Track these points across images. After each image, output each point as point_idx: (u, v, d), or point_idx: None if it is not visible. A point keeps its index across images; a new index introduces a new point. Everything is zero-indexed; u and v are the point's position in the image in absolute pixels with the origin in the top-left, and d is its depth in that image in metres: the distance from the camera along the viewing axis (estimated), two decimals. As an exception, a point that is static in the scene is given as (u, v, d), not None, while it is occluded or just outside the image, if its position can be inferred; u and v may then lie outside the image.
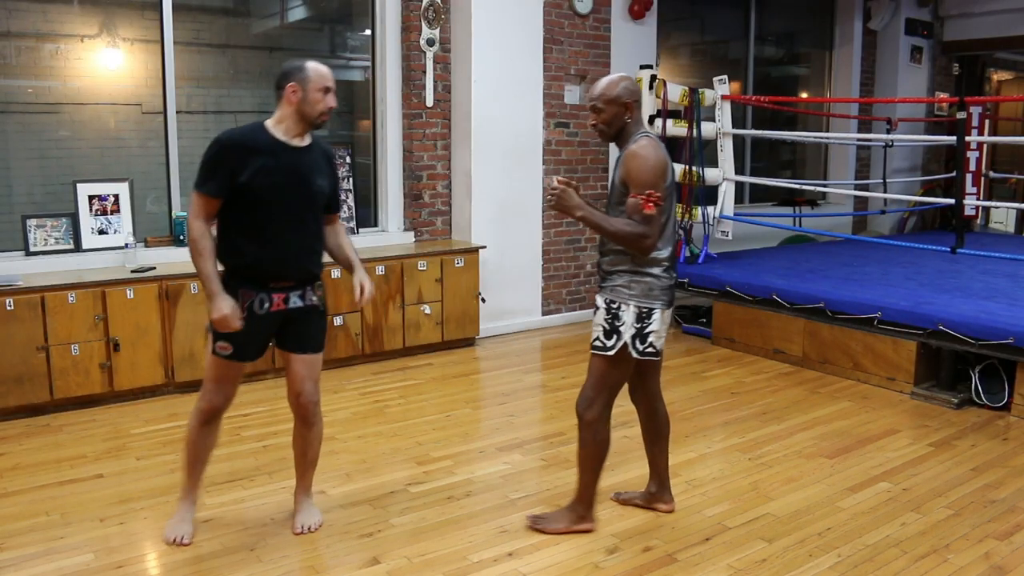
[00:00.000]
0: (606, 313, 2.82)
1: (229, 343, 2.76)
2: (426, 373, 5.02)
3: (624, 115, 2.80)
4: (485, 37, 5.58)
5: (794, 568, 2.76)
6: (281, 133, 2.73)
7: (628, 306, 2.79)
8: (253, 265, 2.74)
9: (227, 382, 2.84)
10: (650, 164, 2.72)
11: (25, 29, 4.58)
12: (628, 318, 2.79)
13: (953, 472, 3.58)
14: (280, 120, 2.74)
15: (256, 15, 5.46)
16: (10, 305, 4.01)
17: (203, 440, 2.87)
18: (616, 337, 2.80)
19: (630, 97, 2.80)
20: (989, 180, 8.90)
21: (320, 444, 3.02)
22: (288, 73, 2.72)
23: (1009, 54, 9.65)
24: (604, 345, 2.83)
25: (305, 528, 2.99)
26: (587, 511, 2.98)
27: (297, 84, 2.69)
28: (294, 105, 2.71)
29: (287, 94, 2.71)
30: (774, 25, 8.22)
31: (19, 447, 3.77)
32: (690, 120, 5.91)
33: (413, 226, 5.78)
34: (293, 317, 2.83)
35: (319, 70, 2.72)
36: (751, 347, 5.48)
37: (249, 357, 2.84)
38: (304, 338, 2.87)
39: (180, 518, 2.93)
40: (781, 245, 7.53)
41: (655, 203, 2.67)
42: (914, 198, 7.25)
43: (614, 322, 2.80)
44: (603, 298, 2.86)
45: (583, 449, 2.92)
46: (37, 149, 4.70)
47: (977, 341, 4.33)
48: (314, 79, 2.70)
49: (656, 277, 2.80)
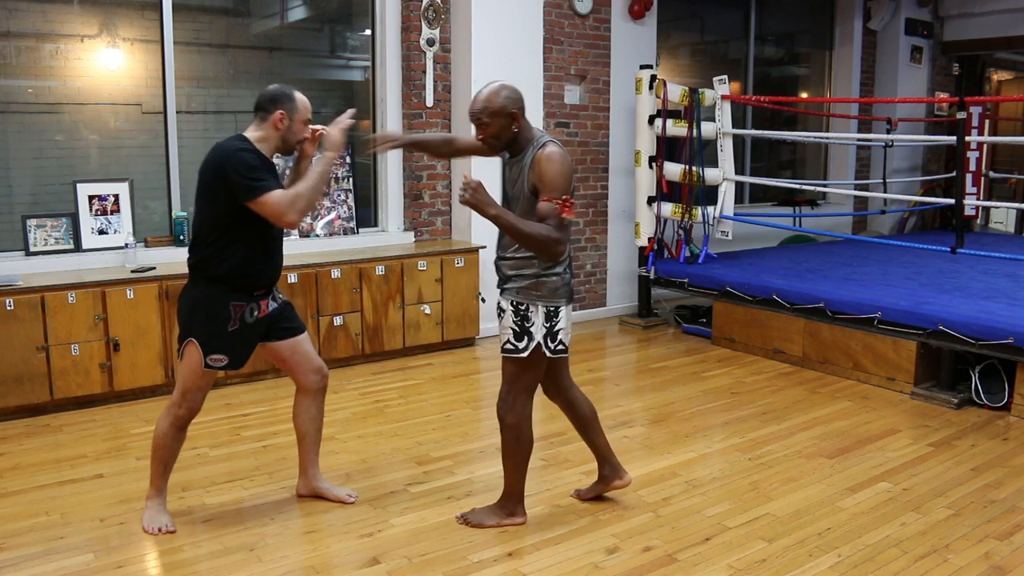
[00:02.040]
0: (515, 315, 2.80)
1: (224, 355, 2.87)
2: (426, 373, 5.02)
3: (511, 126, 2.76)
4: (485, 37, 5.58)
5: (794, 568, 2.77)
6: (265, 149, 2.86)
7: (537, 307, 2.79)
8: (256, 277, 2.88)
9: (207, 388, 2.95)
10: (564, 170, 2.70)
11: (25, 29, 4.58)
12: (538, 319, 2.79)
13: (953, 472, 3.58)
14: (263, 140, 2.85)
15: (256, 15, 5.46)
16: (10, 305, 4.01)
17: (177, 443, 2.97)
18: (528, 339, 2.79)
19: (514, 106, 2.75)
20: (989, 180, 8.90)
21: None
22: (277, 99, 2.84)
23: (1009, 54, 9.65)
24: (516, 347, 2.81)
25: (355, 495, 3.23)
26: (516, 506, 3.02)
27: (285, 112, 2.83)
28: (280, 131, 2.85)
29: (274, 119, 2.83)
30: (774, 25, 8.22)
31: (19, 447, 3.78)
32: (690, 120, 5.91)
33: (413, 226, 5.78)
34: (272, 318, 3.01)
35: (304, 102, 2.90)
36: (751, 347, 5.48)
37: (240, 365, 2.95)
38: (294, 322, 3.09)
39: (155, 511, 3.00)
40: (781, 245, 7.53)
41: (571, 207, 2.67)
42: (914, 198, 7.25)
43: (524, 323, 2.79)
44: (509, 300, 2.83)
45: (508, 451, 2.94)
46: (37, 149, 4.70)
47: (977, 341, 4.34)
48: (300, 110, 2.87)
49: (559, 276, 2.81)
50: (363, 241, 5.53)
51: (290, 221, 2.77)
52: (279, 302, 3.04)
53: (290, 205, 2.74)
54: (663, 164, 6.00)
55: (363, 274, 5.06)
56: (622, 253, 6.60)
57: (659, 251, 6.23)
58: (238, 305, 2.85)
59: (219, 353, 2.84)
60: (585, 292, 6.47)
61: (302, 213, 2.78)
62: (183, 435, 2.97)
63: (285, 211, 2.73)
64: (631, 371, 5.22)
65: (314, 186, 2.81)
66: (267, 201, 2.72)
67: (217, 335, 2.84)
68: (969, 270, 5.83)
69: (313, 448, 3.20)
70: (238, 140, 2.82)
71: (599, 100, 6.35)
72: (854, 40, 8.33)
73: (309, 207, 2.81)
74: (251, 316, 2.90)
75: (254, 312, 2.90)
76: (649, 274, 6.22)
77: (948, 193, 8.33)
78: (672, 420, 4.22)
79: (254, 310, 2.90)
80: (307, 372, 3.09)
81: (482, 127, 2.78)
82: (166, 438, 2.92)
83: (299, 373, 3.09)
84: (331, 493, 3.22)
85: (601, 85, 6.34)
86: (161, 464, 2.96)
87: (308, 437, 3.17)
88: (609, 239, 6.54)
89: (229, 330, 2.85)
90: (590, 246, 6.44)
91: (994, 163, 9.63)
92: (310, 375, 3.09)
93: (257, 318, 2.92)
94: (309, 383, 3.10)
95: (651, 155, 6.03)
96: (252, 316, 2.90)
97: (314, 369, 3.10)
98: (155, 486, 2.99)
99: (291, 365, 3.08)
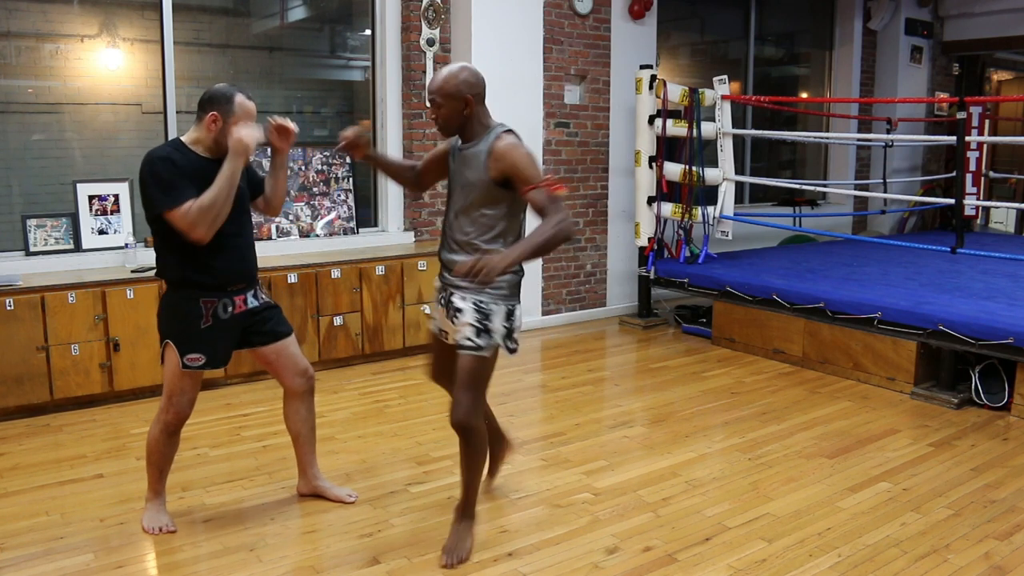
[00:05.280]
0: (476, 313, 2.70)
1: (200, 354, 2.83)
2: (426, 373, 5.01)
3: (463, 110, 2.66)
4: (485, 37, 5.58)
5: (794, 568, 2.76)
6: (202, 151, 2.81)
7: (499, 306, 2.72)
8: (220, 274, 2.83)
9: (192, 391, 2.90)
10: (531, 155, 2.65)
11: (25, 29, 4.58)
12: (498, 318, 2.72)
13: (953, 472, 3.58)
14: (197, 142, 2.81)
15: (256, 15, 5.46)
16: (10, 305, 4.01)
17: (170, 448, 2.96)
18: (488, 337, 2.70)
19: (470, 91, 2.64)
20: (989, 180, 8.90)
21: None
22: (214, 100, 2.77)
23: (1009, 54, 9.65)
24: (477, 345, 2.69)
25: (355, 495, 3.24)
26: (474, 508, 2.89)
27: (219, 114, 2.76)
28: (212, 133, 2.78)
29: (207, 121, 2.77)
30: (774, 25, 8.22)
31: (19, 447, 3.78)
32: (690, 120, 5.91)
33: (413, 226, 5.78)
34: (254, 318, 2.97)
35: (244, 105, 2.78)
36: (751, 347, 5.48)
37: (220, 363, 2.91)
38: (278, 325, 3.04)
39: (155, 512, 3.00)
40: (781, 245, 7.53)
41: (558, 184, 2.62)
42: (914, 198, 7.25)
43: (485, 322, 2.70)
44: (471, 300, 2.71)
45: (472, 458, 2.81)
46: (37, 149, 4.70)
47: (977, 341, 4.34)
48: (237, 113, 2.76)
49: (515, 274, 2.76)
50: (363, 241, 5.53)
51: (199, 236, 2.68)
52: (261, 301, 2.99)
53: (195, 220, 2.65)
54: (663, 164, 6.00)
55: (363, 274, 5.07)
56: (622, 253, 6.60)
57: (659, 251, 6.23)
58: (209, 302, 2.82)
59: (195, 352, 2.81)
60: (585, 292, 6.47)
61: (210, 226, 2.68)
62: (175, 440, 2.95)
63: (190, 226, 2.66)
64: (631, 371, 5.22)
65: (216, 196, 2.68)
66: (173, 216, 2.66)
67: (190, 334, 2.81)
68: (969, 270, 5.83)
69: (308, 448, 3.20)
70: (167, 146, 2.80)
71: (599, 100, 6.35)
72: (854, 40, 8.33)
73: (215, 217, 2.69)
74: (225, 312, 2.85)
75: (228, 308, 2.86)
76: (649, 274, 6.22)
77: (948, 193, 8.33)
78: (672, 420, 4.22)
79: (228, 306, 2.86)
80: (292, 376, 3.07)
81: (435, 107, 2.70)
82: (158, 444, 2.92)
83: (284, 377, 3.07)
84: (331, 493, 3.23)
85: (601, 85, 6.34)
86: (156, 469, 2.96)
87: (301, 437, 3.17)
88: (609, 239, 6.54)
89: (202, 327, 2.81)
90: (590, 246, 6.44)
91: (994, 163, 9.63)
92: (295, 378, 3.07)
93: (232, 314, 2.87)
94: (295, 386, 3.08)
95: (651, 155, 6.03)
96: (226, 312, 2.85)
97: (299, 372, 3.07)
98: (153, 489, 3.00)
99: (276, 368, 3.06)
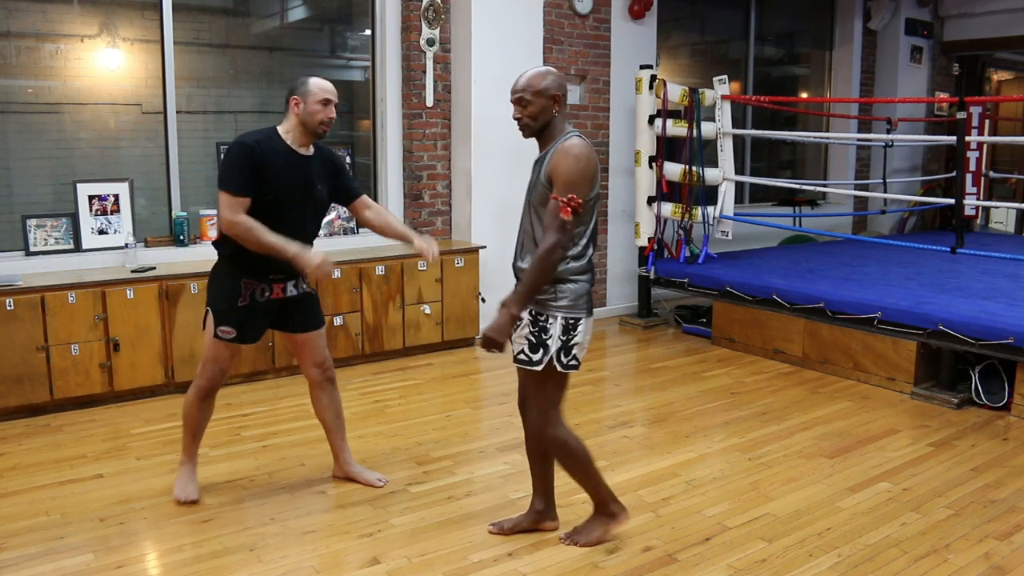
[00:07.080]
0: (532, 326, 2.65)
1: (232, 328, 3.03)
2: (426, 373, 5.02)
3: (552, 108, 2.70)
4: (485, 37, 5.58)
5: (794, 568, 2.77)
6: (291, 141, 3.00)
7: (556, 318, 2.64)
8: (265, 264, 2.98)
9: (225, 361, 3.10)
10: (581, 167, 2.58)
11: (25, 29, 4.58)
12: (555, 331, 2.64)
13: (953, 472, 3.58)
14: (288, 130, 3.01)
15: (256, 15, 5.46)
16: (10, 305, 4.01)
17: (203, 413, 3.18)
18: (543, 351, 2.65)
19: (559, 90, 2.69)
20: (989, 180, 8.90)
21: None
22: (293, 88, 3.00)
23: (1009, 54, 9.64)
24: (530, 359, 2.66)
25: (384, 479, 3.39)
26: (610, 507, 2.89)
27: (299, 97, 2.97)
28: (298, 116, 2.97)
29: (291, 106, 2.98)
30: (774, 25, 8.22)
31: (19, 447, 3.78)
32: (690, 120, 5.91)
33: (413, 226, 5.78)
34: (292, 304, 3.16)
35: (320, 84, 2.99)
36: (751, 347, 5.48)
37: (249, 340, 3.11)
38: (310, 316, 3.22)
39: (186, 479, 3.22)
40: (781, 245, 7.53)
41: (573, 209, 2.54)
42: (914, 198, 7.25)
43: (541, 335, 2.64)
44: (531, 309, 2.66)
45: (566, 465, 2.82)
46: (37, 149, 4.70)
47: (977, 341, 4.34)
48: (314, 92, 2.97)
49: (581, 284, 2.68)
50: (363, 241, 5.52)
51: (224, 229, 2.89)
52: (301, 290, 3.16)
53: (233, 222, 2.85)
54: (663, 164, 6.00)
55: (363, 274, 5.06)
56: (622, 253, 6.60)
57: (659, 251, 6.23)
58: (249, 283, 3.02)
59: (227, 325, 3.01)
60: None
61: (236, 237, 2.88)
62: (207, 405, 3.16)
63: (228, 222, 2.87)
64: (631, 371, 5.22)
65: (259, 241, 2.87)
66: (222, 197, 2.87)
67: (227, 308, 3.01)
68: (969, 270, 5.83)
69: (337, 434, 3.38)
70: (259, 133, 3.00)
71: (599, 100, 6.35)
72: (854, 40, 8.33)
73: (245, 241, 2.89)
74: (262, 296, 3.05)
75: (265, 292, 3.05)
76: (649, 274, 6.22)
77: (948, 193, 8.32)
78: (672, 420, 4.22)
79: (265, 291, 3.05)
80: (309, 365, 3.26)
81: (523, 105, 2.73)
82: (192, 407, 3.14)
83: (304, 364, 3.28)
84: (362, 477, 3.39)
85: (601, 85, 6.34)
86: (190, 433, 3.18)
87: (328, 424, 3.36)
88: (609, 239, 6.54)
89: (239, 305, 3.01)
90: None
91: (994, 163, 9.62)
92: (312, 368, 3.26)
93: (269, 299, 3.06)
94: (312, 375, 3.28)
95: (651, 155, 6.02)
96: (263, 296, 3.05)
97: (316, 363, 3.25)
98: (186, 452, 3.23)
99: (299, 355, 3.27)
